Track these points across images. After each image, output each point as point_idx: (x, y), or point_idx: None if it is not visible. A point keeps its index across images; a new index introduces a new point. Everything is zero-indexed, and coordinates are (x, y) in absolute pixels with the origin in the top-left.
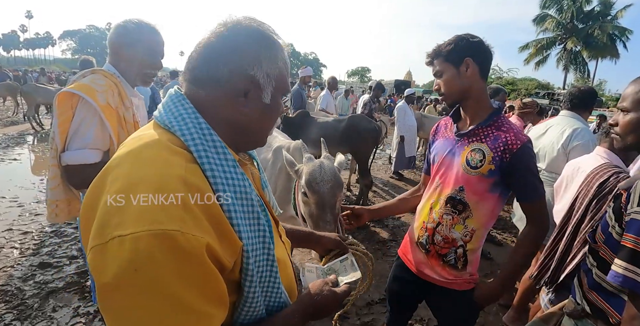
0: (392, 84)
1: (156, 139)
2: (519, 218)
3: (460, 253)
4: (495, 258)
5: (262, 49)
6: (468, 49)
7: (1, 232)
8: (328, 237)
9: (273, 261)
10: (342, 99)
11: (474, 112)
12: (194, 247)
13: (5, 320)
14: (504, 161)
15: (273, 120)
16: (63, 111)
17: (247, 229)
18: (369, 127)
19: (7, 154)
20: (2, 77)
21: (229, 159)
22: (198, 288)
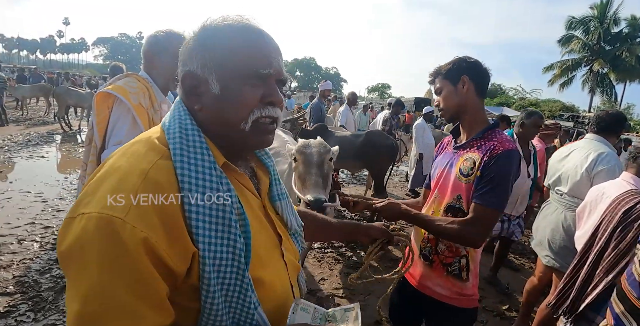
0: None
1: (147, 137)
2: (538, 243)
3: (464, 263)
4: (512, 284)
5: (189, 44)
6: (465, 68)
7: (24, 225)
8: (375, 227)
9: (244, 276)
10: (361, 114)
11: (470, 127)
12: (129, 238)
13: (20, 310)
14: (484, 164)
15: (235, 110)
16: (101, 110)
17: (210, 235)
18: (387, 143)
19: (35, 151)
20: (37, 79)
21: (207, 160)
22: (126, 281)
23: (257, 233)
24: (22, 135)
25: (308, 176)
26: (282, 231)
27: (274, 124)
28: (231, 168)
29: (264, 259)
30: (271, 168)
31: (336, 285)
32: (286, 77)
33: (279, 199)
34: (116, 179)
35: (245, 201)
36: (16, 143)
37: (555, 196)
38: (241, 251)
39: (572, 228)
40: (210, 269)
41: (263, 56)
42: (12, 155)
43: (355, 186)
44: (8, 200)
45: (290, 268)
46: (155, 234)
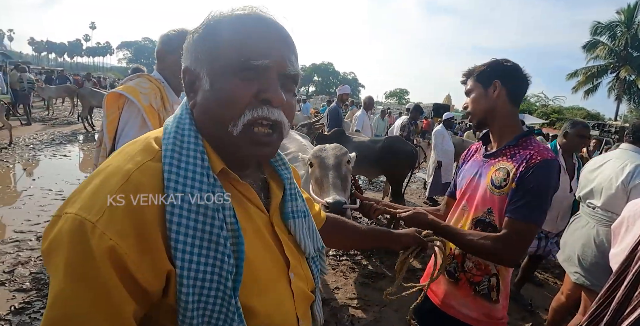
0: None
1: (146, 136)
2: (567, 258)
3: (494, 283)
4: (535, 300)
5: (188, 37)
6: (499, 72)
7: (43, 222)
8: (406, 234)
9: (230, 304)
10: (379, 119)
11: (500, 134)
12: (97, 245)
13: (35, 307)
14: (520, 175)
15: (221, 108)
16: (111, 111)
17: (192, 252)
18: (406, 149)
19: (59, 150)
20: (63, 81)
21: (199, 165)
22: (87, 292)
23: (256, 254)
24: (47, 134)
25: (325, 178)
26: (293, 254)
27: (273, 135)
28: (231, 177)
29: (262, 285)
30: (287, 180)
31: (351, 295)
32: (293, 71)
33: (294, 217)
34: (100, 179)
35: (245, 216)
36: (41, 142)
37: (587, 209)
38: (229, 273)
39: (604, 244)
40: (188, 291)
41: (258, 43)
42: (36, 153)
43: (372, 193)
44: (30, 197)
45: (298, 297)
46: (125, 244)
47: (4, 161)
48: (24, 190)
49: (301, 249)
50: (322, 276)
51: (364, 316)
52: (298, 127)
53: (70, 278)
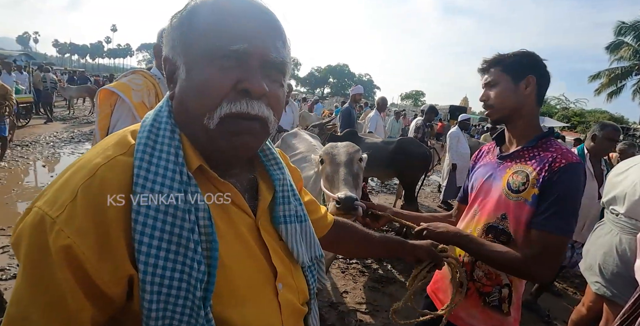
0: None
1: (124, 130)
2: (588, 267)
3: (506, 294)
4: (553, 311)
5: (167, 24)
6: (534, 67)
7: None
8: (420, 246)
9: (199, 316)
10: (393, 121)
11: (520, 134)
12: (53, 242)
13: None
14: (544, 181)
15: (196, 99)
16: (104, 108)
17: (157, 256)
18: (419, 151)
19: (77, 148)
20: (84, 81)
21: (172, 161)
22: (41, 292)
23: (235, 261)
24: (67, 132)
25: (336, 174)
26: (283, 262)
27: (256, 124)
28: (209, 175)
29: (241, 295)
30: (278, 182)
31: (359, 300)
32: (278, 58)
33: (285, 221)
34: (69, 174)
35: (224, 219)
36: (61, 140)
37: (610, 215)
38: (198, 281)
39: (627, 253)
40: (152, 298)
41: (234, 26)
42: (56, 150)
43: (384, 195)
44: None
45: (286, 310)
46: (83, 243)
47: (25, 158)
48: (43, 186)
49: (294, 257)
50: (329, 280)
51: (373, 322)
52: (310, 128)
53: (27, 277)
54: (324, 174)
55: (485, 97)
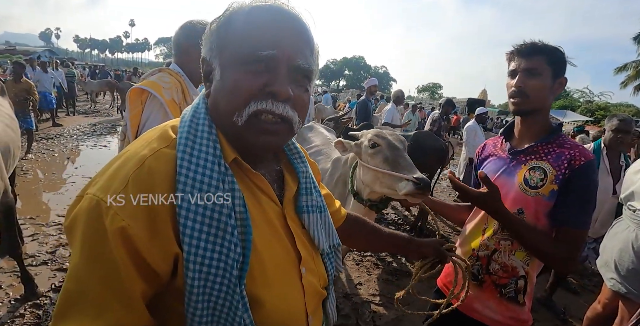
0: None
1: (164, 124)
2: (604, 264)
3: (522, 285)
4: (569, 308)
5: (207, 28)
6: (565, 67)
7: None
8: (427, 244)
9: (235, 292)
10: (409, 114)
11: (537, 129)
12: (110, 224)
13: None
14: (564, 178)
15: (227, 99)
16: (134, 106)
17: (199, 238)
18: (435, 145)
19: (99, 141)
20: (104, 75)
21: (211, 154)
22: (99, 269)
23: (266, 245)
24: (89, 126)
25: (401, 158)
26: (306, 248)
27: (281, 124)
28: (243, 166)
29: (270, 276)
30: (301, 174)
31: (373, 291)
32: (305, 65)
33: (307, 211)
34: (118, 164)
35: (256, 206)
36: (83, 133)
37: (628, 212)
38: (235, 262)
39: None
40: (194, 276)
41: (265, 33)
42: (79, 143)
43: None
44: (72, 184)
45: (309, 292)
46: (136, 225)
47: (50, 151)
48: (67, 178)
49: (315, 244)
50: (343, 272)
51: (386, 314)
52: (325, 121)
53: (84, 255)
54: (380, 157)
55: (522, 83)
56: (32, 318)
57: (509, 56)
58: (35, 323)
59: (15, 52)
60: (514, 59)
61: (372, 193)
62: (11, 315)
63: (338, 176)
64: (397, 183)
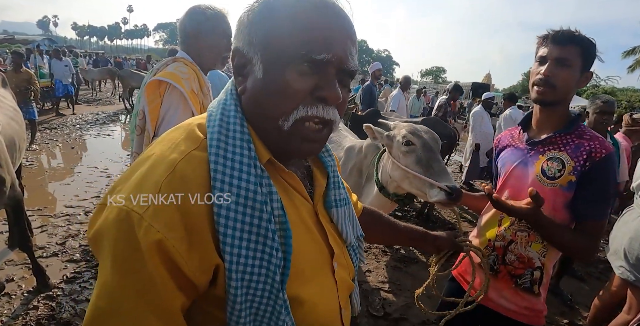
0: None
1: (189, 123)
2: (613, 252)
3: (537, 276)
4: (575, 295)
5: (241, 16)
6: (593, 61)
7: (90, 198)
8: (443, 237)
9: (278, 297)
10: (414, 99)
11: (555, 120)
12: (144, 237)
13: (84, 277)
14: (584, 171)
15: (275, 101)
16: (152, 98)
17: (240, 246)
18: (444, 132)
19: (102, 130)
20: (104, 63)
21: (246, 156)
22: (134, 284)
23: (302, 245)
24: (92, 114)
25: (435, 162)
26: (337, 243)
27: (324, 130)
28: (277, 166)
29: (307, 275)
30: (330, 168)
31: (382, 279)
32: (352, 67)
33: (336, 205)
34: (145, 169)
35: (291, 206)
36: (86, 122)
37: (639, 200)
38: (277, 267)
39: None
40: (237, 284)
41: (320, 35)
42: (82, 133)
43: None
44: (78, 174)
45: (341, 287)
46: (173, 237)
47: (54, 141)
48: (72, 168)
49: (342, 237)
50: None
51: (395, 301)
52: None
53: (116, 270)
54: (413, 158)
55: (551, 73)
56: (46, 310)
57: (540, 41)
58: (49, 315)
59: (14, 42)
60: (545, 45)
61: (400, 188)
62: (25, 308)
63: (352, 165)
64: (429, 189)
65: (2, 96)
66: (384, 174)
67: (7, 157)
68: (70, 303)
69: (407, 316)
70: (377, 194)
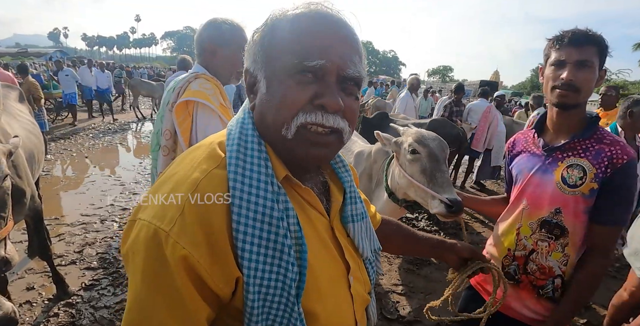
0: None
1: (209, 142)
2: (633, 252)
3: (559, 284)
4: None
5: (249, 39)
6: (606, 58)
7: (105, 206)
8: (462, 243)
9: (293, 311)
10: (422, 99)
11: (572, 124)
12: (171, 253)
13: (102, 284)
14: (606, 177)
15: (275, 111)
16: (182, 120)
17: (257, 260)
18: (452, 133)
19: (115, 138)
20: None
21: (263, 173)
22: (164, 298)
23: (318, 259)
24: (104, 124)
25: (439, 172)
26: (353, 257)
27: (331, 135)
28: (294, 183)
29: (323, 290)
30: (347, 183)
31: (395, 281)
32: (355, 73)
33: (353, 220)
34: (169, 188)
35: (307, 222)
36: (99, 131)
37: None
38: (292, 281)
39: None
40: (254, 297)
41: (312, 42)
42: (95, 142)
43: None
44: (92, 183)
45: (357, 301)
46: (197, 252)
47: (68, 150)
48: (87, 177)
49: (359, 252)
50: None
51: (409, 303)
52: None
53: (147, 285)
54: (417, 167)
55: (573, 77)
56: (66, 317)
57: (551, 44)
58: (69, 322)
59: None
60: (561, 48)
61: (407, 195)
62: (46, 315)
63: (362, 171)
64: (430, 200)
65: (20, 110)
66: (393, 181)
67: (27, 170)
68: (89, 309)
69: (421, 318)
70: (387, 200)
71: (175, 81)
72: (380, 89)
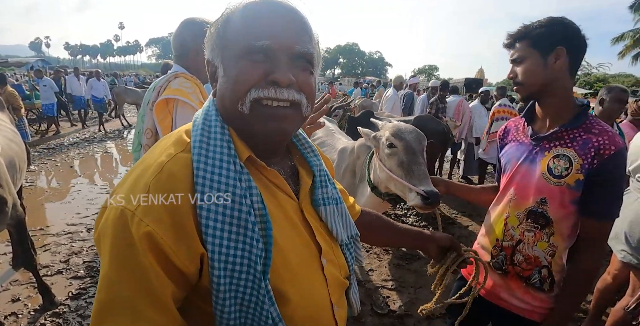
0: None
1: (178, 130)
2: (614, 236)
3: (545, 274)
4: None
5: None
6: (563, 35)
7: (91, 215)
8: (441, 233)
9: (260, 287)
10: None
11: (555, 112)
12: (136, 231)
13: (90, 292)
14: (592, 168)
15: (230, 90)
16: (163, 118)
17: (221, 237)
18: (437, 128)
19: (100, 147)
20: None
21: (226, 154)
22: (129, 275)
23: (286, 239)
24: (89, 132)
25: (416, 165)
26: (325, 240)
27: (288, 109)
28: (258, 164)
29: (294, 270)
30: (315, 167)
31: (385, 277)
32: (303, 49)
33: (324, 203)
34: (138, 172)
35: (274, 203)
36: (84, 140)
37: (637, 184)
38: (258, 257)
39: None
40: (219, 273)
41: (259, 25)
42: (80, 151)
43: None
44: (78, 192)
45: (332, 283)
46: (161, 230)
47: (53, 160)
48: (72, 186)
49: (333, 236)
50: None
51: (399, 298)
52: (335, 110)
53: (114, 264)
54: (395, 160)
55: (512, 74)
56: None
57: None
58: None
59: (7, 65)
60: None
61: (388, 188)
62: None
63: (345, 167)
64: (408, 192)
65: (0, 119)
66: (375, 175)
67: (8, 178)
68: (77, 318)
69: (412, 312)
70: (370, 194)
71: (156, 81)
72: (367, 90)
